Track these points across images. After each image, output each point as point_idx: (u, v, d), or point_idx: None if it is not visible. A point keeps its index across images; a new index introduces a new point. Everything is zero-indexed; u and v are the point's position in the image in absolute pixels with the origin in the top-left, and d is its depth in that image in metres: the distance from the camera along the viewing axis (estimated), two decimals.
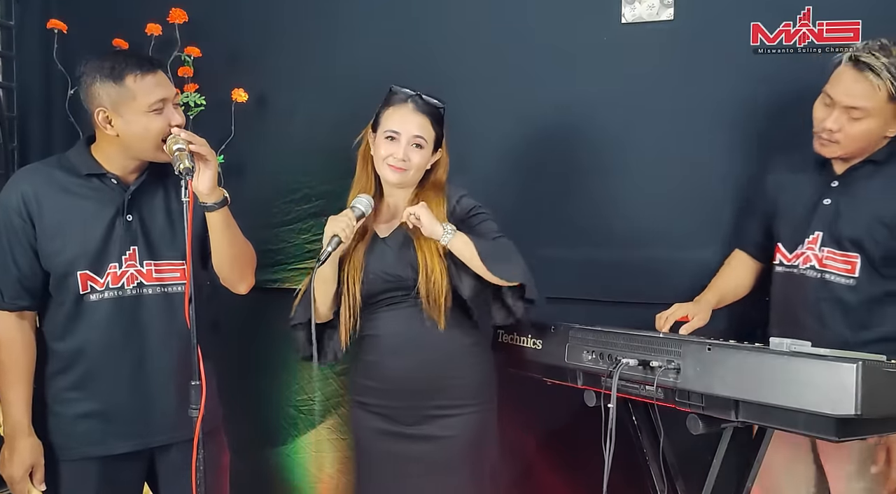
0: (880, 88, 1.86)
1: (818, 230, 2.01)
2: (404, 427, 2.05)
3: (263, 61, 2.74)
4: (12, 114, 2.70)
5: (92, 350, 1.85)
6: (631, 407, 2.00)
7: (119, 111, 1.80)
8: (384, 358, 2.04)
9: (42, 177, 1.87)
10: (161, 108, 1.81)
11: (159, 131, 1.80)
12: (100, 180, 1.87)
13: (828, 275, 2.00)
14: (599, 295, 2.49)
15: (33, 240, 1.83)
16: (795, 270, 2.05)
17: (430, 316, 1.99)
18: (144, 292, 1.87)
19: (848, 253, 1.96)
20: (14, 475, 1.85)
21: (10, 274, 1.84)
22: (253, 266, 1.99)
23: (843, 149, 1.95)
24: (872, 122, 1.90)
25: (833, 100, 1.92)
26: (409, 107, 2.03)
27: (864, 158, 1.98)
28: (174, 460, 1.90)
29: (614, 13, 2.49)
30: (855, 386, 1.45)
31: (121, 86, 1.79)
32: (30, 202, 1.82)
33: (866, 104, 1.88)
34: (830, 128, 1.92)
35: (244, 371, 2.69)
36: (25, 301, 1.86)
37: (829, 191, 2.02)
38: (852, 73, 1.89)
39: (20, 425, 1.85)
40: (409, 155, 2.01)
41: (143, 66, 1.81)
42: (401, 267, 2.01)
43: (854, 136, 1.92)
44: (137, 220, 1.88)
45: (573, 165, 2.55)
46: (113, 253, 1.85)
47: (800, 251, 2.05)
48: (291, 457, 2.81)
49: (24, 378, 1.86)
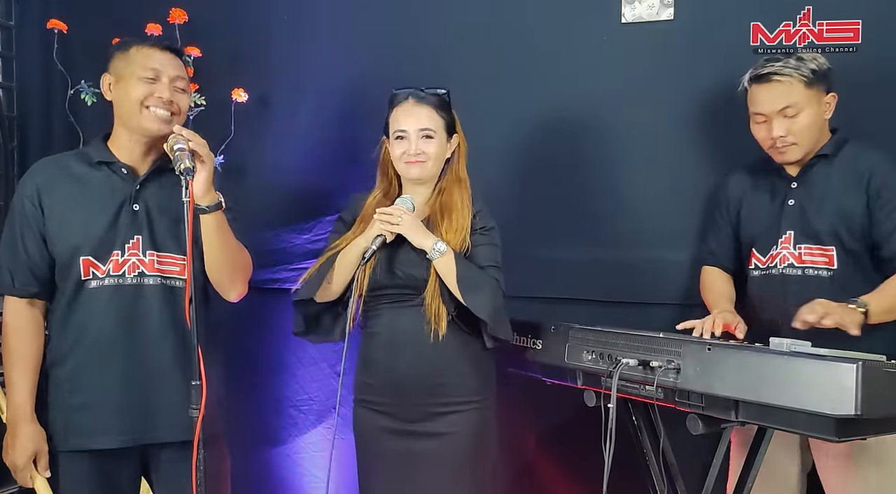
0: (792, 83, 2.00)
1: (789, 230, 2.09)
2: (408, 424, 2.04)
3: (263, 61, 2.74)
4: (12, 114, 2.70)
5: (89, 337, 1.86)
6: (631, 407, 2.00)
7: (118, 76, 1.90)
8: (387, 357, 2.04)
9: (57, 166, 1.93)
10: (152, 79, 1.87)
11: (139, 96, 1.86)
12: (110, 169, 1.91)
13: (808, 270, 2.06)
14: (599, 295, 2.49)
15: (42, 227, 1.87)
16: (774, 270, 2.10)
17: (431, 319, 2.00)
18: (145, 282, 1.88)
19: (824, 247, 2.04)
20: (17, 462, 1.86)
21: (21, 261, 1.87)
22: (246, 274, 1.97)
23: (801, 148, 2.05)
24: (809, 112, 2.02)
25: (765, 115, 2.05)
26: (410, 103, 2.05)
27: (814, 155, 2.07)
28: (171, 461, 1.89)
29: (614, 13, 2.49)
30: (855, 386, 1.45)
31: (125, 54, 1.90)
32: (42, 189, 1.87)
33: (792, 99, 2.01)
34: (780, 135, 2.04)
35: (244, 371, 2.69)
36: (35, 287, 1.88)
37: (791, 192, 2.11)
38: (762, 86, 2.05)
39: (22, 410, 1.86)
40: (422, 147, 2.02)
41: (151, 40, 1.91)
42: (416, 267, 2.01)
43: (803, 131, 2.03)
44: (144, 211, 1.89)
45: (573, 165, 2.55)
46: (117, 241, 1.87)
47: (775, 252, 2.10)
48: (291, 457, 2.81)
49: (31, 364, 1.88)
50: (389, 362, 2.04)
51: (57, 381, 1.89)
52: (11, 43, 2.73)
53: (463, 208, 2.04)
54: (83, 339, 1.86)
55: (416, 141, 2.02)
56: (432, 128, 2.03)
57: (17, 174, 2.65)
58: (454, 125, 2.09)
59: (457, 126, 2.10)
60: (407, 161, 2.03)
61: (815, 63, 2.02)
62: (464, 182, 2.10)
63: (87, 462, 1.87)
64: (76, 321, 1.87)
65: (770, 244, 2.11)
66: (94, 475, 1.87)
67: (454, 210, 2.04)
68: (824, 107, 2.05)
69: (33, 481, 1.88)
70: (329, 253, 2.06)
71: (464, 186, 2.09)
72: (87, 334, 1.86)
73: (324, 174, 2.69)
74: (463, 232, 2.02)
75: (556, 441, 2.57)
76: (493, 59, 2.59)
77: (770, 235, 2.12)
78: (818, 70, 2.02)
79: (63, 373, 1.88)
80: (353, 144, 2.59)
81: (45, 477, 1.88)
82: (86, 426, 1.86)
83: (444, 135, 2.06)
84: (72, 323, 1.87)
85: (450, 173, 2.10)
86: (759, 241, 2.14)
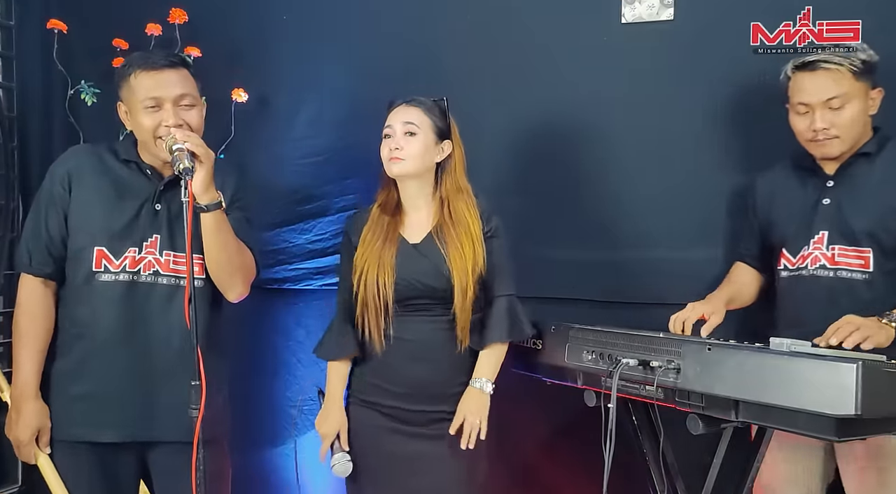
0: (842, 72, 1.92)
1: (823, 229, 2.01)
2: (412, 427, 2.06)
3: (263, 61, 2.74)
4: (12, 115, 2.70)
5: (95, 330, 1.87)
6: (631, 407, 2.00)
7: (129, 106, 1.89)
8: (403, 363, 2.05)
9: (90, 155, 1.96)
10: (154, 106, 1.85)
11: (149, 128, 1.85)
12: (138, 167, 1.94)
13: (841, 272, 1.99)
14: (599, 295, 2.49)
15: (67, 209, 1.90)
16: (804, 271, 2.04)
17: (459, 332, 2.03)
18: (159, 281, 1.89)
19: (860, 248, 1.97)
20: (21, 437, 1.88)
21: (41, 240, 1.90)
22: (247, 275, 1.96)
23: (843, 142, 1.97)
24: (855, 105, 1.94)
25: (808, 105, 1.97)
26: (401, 106, 2.07)
27: (854, 153, 2.00)
28: (170, 462, 1.89)
29: (614, 13, 2.48)
30: (855, 385, 1.45)
31: (127, 83, 1.87)
32: (73, 174, 1.91)
33: (840, 90, 1.93)
34: (823, 127, 1.95)
35: (244, 371, 2.69)
36: (50, 267, 1.91)
37: (826, 191, 2.03)
38: (807, 75, 1.96)
39: (28, 386, 1.88)
40: (402, 143, 2.03)
41: (147, 64, 1.86)
42: (434, 278, 2.02)
43: (847, 124, 1.95)
44: (165, 210, 1.91)
45: (573, 166, 2.55)
46: (135, 237, 1.89)
47: (806, 253, 2.04)
48: (291, 457, 2.80)
49: (39, 344, 1.90)
50: (409, 370, 2.04)
51: (60, 370, 1.91)
52: (11, 43, 2.73)
53: (472, 219, 2.05)
54: (89, 331, 1.88)
55: (398, 137, 2.03)
56: (415, 123, 2.04)
57: (17, 174, 2.65)
58: (448, 131, 2.09)
59: (453, 133, 2.10)
60: (389, 157, 2.04)
61: (866, 54, 1.95)
62: (465, 191, 2.10)
63: (87, 455, 1.88)
64: (83, 312, 1.88)
65: (801, 244, 2.04)
66: (93, 467, 1.89)
67: (463, 223, 2.05)
68: (870, 102, 1.97)
69: (36, 458, 1.90)
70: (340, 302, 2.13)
71: (467, 195, 2.09)
72: (93, 327, 1.87)
73: (324, 174, 2.69)
74: (476, 244, 2.03)
75: (556, 441, 2.57)
76: (493, 59, 2.58)
77: (802, 235, 2.05)
78: (869, 61, 1.94)
79: (67, 363, 1.90)
80: (353, 144, 2.59)
81: (46, 453, 1.90)
82: (86, 417, 1.88)
83: (431, 135, 2.06)
84: (79, 314, 1.89)
85: (449, 183, 2.09)
86: (790, 241, 2.07)
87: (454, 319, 2.03)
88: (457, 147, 2.11)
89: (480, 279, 2.04)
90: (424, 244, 2.07)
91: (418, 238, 2.08)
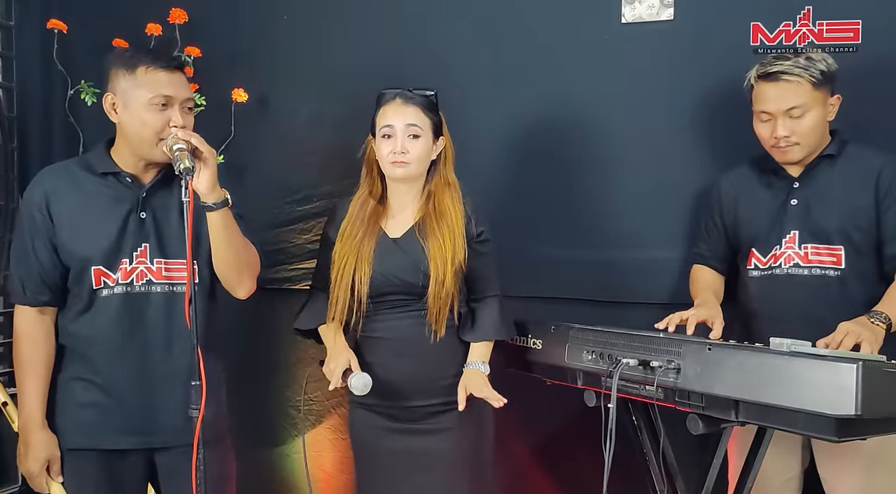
0: (801, 83, 1.99)
1: (793, 229, 2.08)
2: (407, 423, 2.07)
3: (263, 61, 2.74)
4: (12, 115, 2.69)
5: (100, 343, 1.86)
6: (631, 407, 2.00)
7: (125, 99, 1.83)
8: (386, 361, 2.05)
9: (62, 175, 1.91)
10: (163, 105, 1.82)
11: (156, 128, 1.81)
12: (116, 178, 1.89)
13: (815, 270, 2.05)
14: (599, 295, 2.49)
15: (52, 236, 1.86)
16: (778, 270, 2.09)
17: (432, 323, 2.02)
18: (153, 290, 1.88)
19: (832, 246, 2.03)
20: (31, 469, 1.88)
21: (33, 269, 1.87)
22: (254, 271, 1.96)
23: (803, 149, 2.05)
24: (815, 113, 2.01)
25: (770, 113, 2.03)
26: (398, 102, 2.05)
27: (817, 155, 2.07)
28: (177, 464, 1.87)
29: (614, 13, 2.49)
30: (855, 386, 1.45)
31: (131, 75, 1.82)
32: (49, 198, 1.86)
33: (800, 100, 2.00)
34: (784, 135, 2.02)
35: (244, 371, 2.69)
36: (46, 296, 1.88)
37: (794, 192, 2.10)
38: (770, 85, 2.02)
39: (33, 418, 1.87)
40: (407, 146, 2.01)
41: (159, 61, 1.83)
42: (411, 273, 2.02)
43: (807, 132, 2.02)
44: (151, 218, 1.89)
45: (572, 165, 2.55)
46: (125, 249, 1.86)
47: (778, 252, 2.09)
48: (291, 457, 2.81)
49: (42, 372, 1.88)
50: (391, 365, 2.05)
51: (67, 381, 1.90)
52: (11, 43, 2.72)
53: (455, 213, 2.04)
54: (94, 344, 1.87)
55: (402, 138, 2.02)
56: (419, 126, 2.03)
57: (17, 174, 2.65)
58: (441, 127, 2.09)
59: (443, 128, 2.10)
60: (392, 161, 2.02)
61: (825, 64, 2.01)
62: (453, 185, 2.09)
63: (94, 462, 1.88)
64: (88, 327, 1.87)
65: (772, 244, 2.10)
66: (100, 474, 1.88)
67: (447, 215, 2.04)
68: (829, 108, 2.05)
69: (49, 487, 1.89)
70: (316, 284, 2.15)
71: (454, 189, 2.09)
72: (97, 340, 1.87)
73: (324, 174, 2.69)
74: (458, 237, 2.02)
75: (556, 441, 2.57)
76: (493, 58, 2.58)
77: (772, 235, 2.10)
78: (827, 71, 2.00)
79: (73, 375, 1.89)
80: (353, 144, 2.58)
81: (59, 482, 1.89)
82: (93, 424, 1.87)
83: (431, 136, 2.06)
84: (84, 329, 1.88)
85: (437, 176, 2.09)
86: (760, 241, 2.13)
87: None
88: (447, 142, 2.11)
89: (460, 271, 2.03)
90: (405, 239, 2.06)
91: (399, 232, 2.08)
